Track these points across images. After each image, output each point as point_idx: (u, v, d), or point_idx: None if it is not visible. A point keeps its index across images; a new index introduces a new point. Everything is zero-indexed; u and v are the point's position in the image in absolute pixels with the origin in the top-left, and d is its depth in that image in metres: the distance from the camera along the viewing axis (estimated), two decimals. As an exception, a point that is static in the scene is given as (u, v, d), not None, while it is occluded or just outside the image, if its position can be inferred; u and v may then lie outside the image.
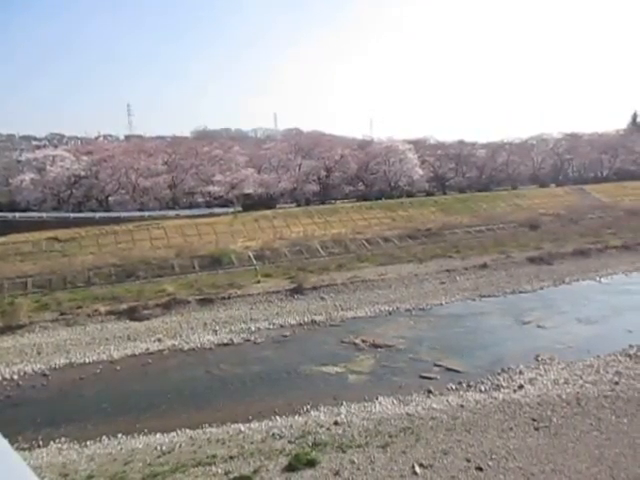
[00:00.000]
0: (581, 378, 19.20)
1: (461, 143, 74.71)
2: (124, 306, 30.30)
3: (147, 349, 24.71)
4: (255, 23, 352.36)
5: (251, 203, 53.83)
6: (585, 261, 40.34)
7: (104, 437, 16.33)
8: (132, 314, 29.53)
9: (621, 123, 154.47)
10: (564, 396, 17.67)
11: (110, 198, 51.45)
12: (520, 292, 32.86)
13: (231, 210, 50.95)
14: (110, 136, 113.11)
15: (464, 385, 19.22)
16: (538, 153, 77.54)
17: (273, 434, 15.88)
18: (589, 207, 60.41)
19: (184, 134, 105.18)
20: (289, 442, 15.27)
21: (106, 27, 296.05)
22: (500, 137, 79.34)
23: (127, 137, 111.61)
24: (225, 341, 25.50)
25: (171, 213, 49.54)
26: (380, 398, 18.23)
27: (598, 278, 35.75)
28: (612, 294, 31.90)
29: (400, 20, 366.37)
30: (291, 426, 16.40)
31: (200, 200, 55.85)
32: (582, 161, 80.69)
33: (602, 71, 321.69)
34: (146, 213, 48.83)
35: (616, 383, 18.57)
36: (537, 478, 12.85)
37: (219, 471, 13.75)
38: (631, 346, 22.15)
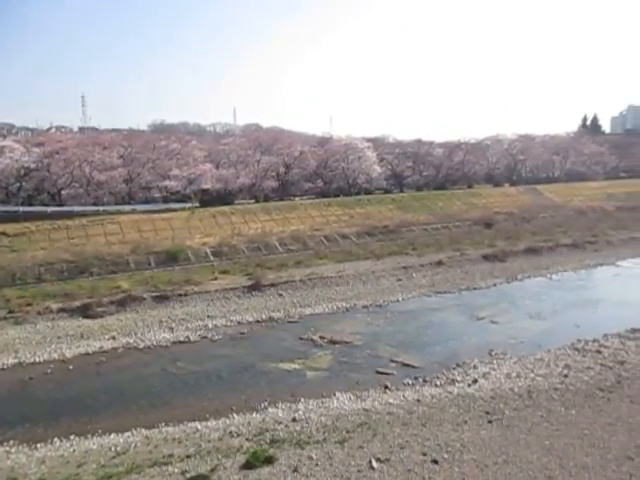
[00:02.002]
0: (532, 372, 19.85)
1: (419, 142, 75.86)
2: (77, 303, 29.43)
3: (101, 347, 24.10)
4: (215, 17, 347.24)
5: (209, 199, 53.19)
6: (537, 258, 41.71)
7: (55, 439, 15.84)
8: (85, 311, 28.71)
9: (572, 126, 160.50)
10: (516, 389, 18.23)
11: (63, 192, 49.77)
12: (474, 289, 33.68)
13: (188, 206, 50.24)
14: (63, 128, 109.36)
15: (420, 380, 19.56)
16: (493, 153, 79.62)
17: (230, 432, 15.78)
18: (541, 206, 62.52)
19: (141, 127, 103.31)
20: (246, 440, 15.21)
21: (61, 18, 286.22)
22: (457, 137, 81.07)
23: (81, 129, 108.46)
24: (181, 339, 25.13)
25: (127, 208, 48.47)
26: (338, 394, 18.36)
27: (549, 275, 37.03)
28: (562, 290, 33.13)
29: (359, 17, 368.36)
30: (249, 423, 16.34)
31: (157, 195, 54.88)
32: (535, 162, 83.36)
33: (554, 75, 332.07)
34: (101, 208, 47.62)
35: (565, 376, 19.29)
36: (490, 469, 13.23)
37: (175, 470, 13.58)
38: (579, 340, 23.05)
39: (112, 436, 15.91)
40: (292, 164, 61.04)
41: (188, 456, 14.29)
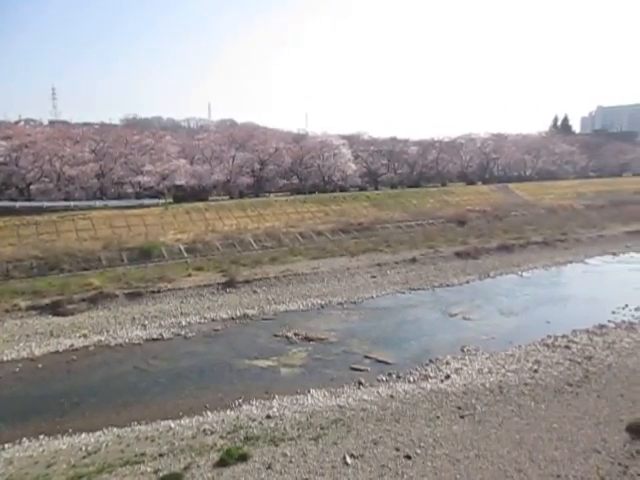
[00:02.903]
0: (503, 367, 20.21)
1: (393, 140, 76.28)
2: (46, 301, 28.83)
3: (71, 345, 23.68)
4: (191, 13, 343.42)
5: (183, 195, 52.59)
6: (509, 256, 42.41)
7: (24, 439, 15.53)
8: (55, 309, 28.15)
9: (543, 126, 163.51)
10: (487, 385, 18.55)
11: (32, 186, 48.59)
12: (447, 285, 34.07)
13: (162, 202, 49.59)
14: (32, 121, 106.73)
15: (394, 376, 19.76)
16: (466, 152, 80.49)
17: (204, 430, 15.70)
18: (513, 205, 63.54)
19: (113, 121, 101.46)
20: (220, 437, 15.16)
21: (33, 8, 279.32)
22: (431, 135, 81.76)
23: (51, 122, 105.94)
24: (154, 336, 24.86)
25: (99, 203, 47.55)
26: (312, 391, 18.42)
27: (520, 272, 37.69)
28: (533, 287, 33.75)
29: (332, 16, 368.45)
30: (222, 421, 16.28)
31: (129, 191, 53.95)
32: (507, 160, 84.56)
33: (527, 75, 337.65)
34: (72, 203, 46.61)
35: (535, 371, 19.70)
36: (462, 463, 13.45)
37: (148, 469, 13.45)
38: (549, 336, 23.57)
39: (83, 435, 15.68)
40: (267, 160, 60.74)
41: (161, 455, 14.19)
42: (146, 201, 49.41)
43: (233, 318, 27.57)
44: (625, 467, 13.21)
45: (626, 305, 28.26)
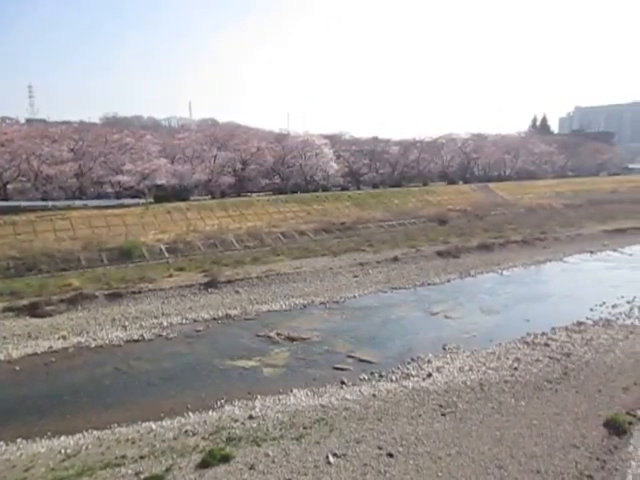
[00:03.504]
0: (484, 365, 20.41)
1: (375, 140, 76.59)
2: (24, 302, 28.34)
3: (50, 347, 23.31)
4: (173, 11, 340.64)
5: (163, 194, 52.12)
6: (489, 255, 42.83)
7: (1, 443, 15.25)
8: (33, 310, 27.67)
9: (522, 126, 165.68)
10: (469, 382, 18.72)
11: (9, 186, 47.83)
12: (429, 284, 34.28)
13: (142, 201, 49.12)
14: (9, 119, 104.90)
15: (376, 375, 19.82)
16: (447, 152, 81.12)
17: (186, 431, 15.58)
18: (493, 204, 64.24)
19: (92, 120, 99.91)
20: (202, 438, 15.06)
21: (12, 6, 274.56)
22: (412, 135, 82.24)
23: (28, 121, 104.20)
24: (135, 337, 24.59)
25: (78, 203, 46.94)
26: (295, 390, 18.40)
27: (500, 271, 38.07)
28: (513, 286, 34.14)
29: (321, 14, 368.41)
30: (204, 422, 16.18)
31: (109, 190, 53.35)
32: (487, 160, 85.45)
33: (506, 76, 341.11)
34: (50, 203, 45.93)
35: (515, 369, 19.94)
36: (444, 461, 13.56)
37: (129, 472, 13.31)
38: (529, 334, 23.87)
39: (62, 438, 15.44)
40: (249, 160, 60.53)
41: (142, 457, 14.05)
42: (126, 201, 48.90)
43: (215, 318, 27.41)
44: (603, 462, 13.46)
45: (603, 302, 28.73)
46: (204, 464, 13.49)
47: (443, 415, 16.19)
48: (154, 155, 55.91)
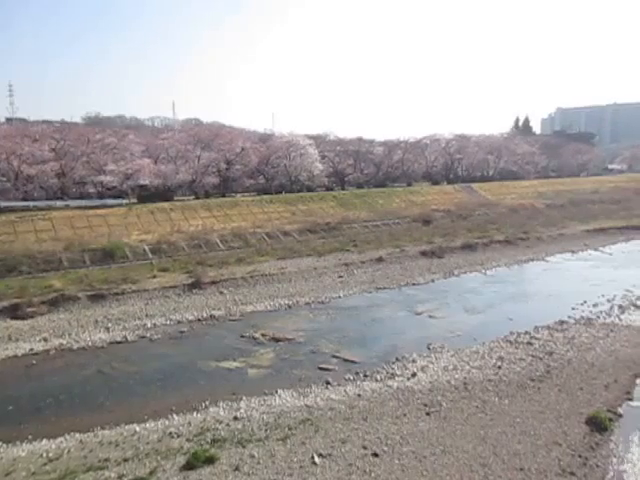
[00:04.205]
0: (468, 364, 20.54)
1: (360, 140, 76.71)
2: (4, 303, 27.92)
3: (31, 349, 22.99)
4: (158, 11, 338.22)
5: (147, 195, 51.71)
6: (472, 254, 43.17)
7: (-20, 447, 15.00)
8: (14, 312, 27.28)
9: (505, 127, 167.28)
10: (453, 382, 18.82)
11: (-12, 186, 47.17)
12: (413, 284, 34.43)
13: (125, 202, 48.70)
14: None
15: (361, 375, 19.82)
16: (431, 152, 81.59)
17: (170, 433, 15.46)
18: (476, 204, 64.72)
19: (74, 119, 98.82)
20: (187, 440, 14.95)
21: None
22: (396, 136, 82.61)
23: (8, 120, 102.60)
24: (118, 339, 24.36)
25: (59, 203, 46.41)
26: (280, 391, 18.34)
27: (484, 270, 38.38)
28: (496, 285, 34.44)
29: (304, 14, 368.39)
30: (189, 424, 16.06)
31: (92, 190, 52.79)
32: (470, 161, 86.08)
33: (490, 77, 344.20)
34: (31, 203, 45.40)
35: (499, 367, 20.09)
36: (428, 460, 13.62)
37: (112, 475, 13.16)
38: (512, 333, 24.07)
39: (44, 442, 15.21)
40: (233, 160, 60.30)
41: (125, 459, 13.90)
42: (109, 201, 48.49)
43: (199, 319, 27.25)
44: (585, 459, 13.62)
45: (585, 301, 29.10)
46: (188, 466, 13.40)
47: (428, 414, 16.27)
48: (137, 155, 55.48)
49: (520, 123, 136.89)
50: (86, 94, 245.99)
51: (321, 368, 20.71)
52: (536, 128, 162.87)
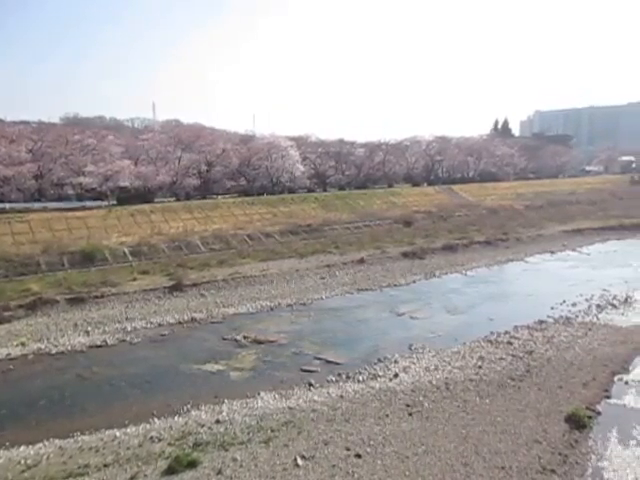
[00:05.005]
0: (449, 364, 20.68)
1: (341, 142, 76.90)
2: (-20, 308, 27.41)
3: (8, 354, 22.55)
4: (138, 11, 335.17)
5: (127, 196, 51.11)
6: (453, 255, 43.52)
7: (-44, 455, 14.67)
8: (-10, 316, 26.79)
9: (485, 129, 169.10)
10: (434, 382, 18.93)
11: (-37, 188, 46.21)
12: (395, 285, 34.57)
13: (105, 204, 48.14)
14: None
15: (343, 376, 19.82)
16: (412, 154, 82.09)
17: (151, 437, 15.28)
18: (457, 205, 65.30)
19: (52, 120, 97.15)
20: (169, 444, 14.80)
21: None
22: (377, 137, 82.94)
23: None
24: (98, 342, 24.03)
25: (37, 205, 45.76)
26: (262, 394, 18.27)
27: (464, 271, 38.71)
28: (476, 285, 34.74)
29: (280, 18, 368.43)
30: (170, 428, 15.91)
31: (70, 192, 52.10)
32: (451, 162, 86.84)
33: (470, 80, 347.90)
34: (7, 205, 44.63)
35: (480, 367, 20.26)
36: (411, 460, 13.68)
37: (92, 481, 12.99)
38: (492, 333, 24.31)
39: (22, 448, 14.92)
40: (214, 162, 59.98)
41: (106, 465, 13.72)
42: (88, 203, 47.93)
43: (180, 322, 27.02)
44: (565, 456, 13.80)
45: (563, 301, 29.52)
46: (170, 470, 13.27)
47: (410, 415, 16.34)
48: (117, 156, 54.85)
49: (499, 125, 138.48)
50: (65, 94, 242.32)
51: (303, 370, 20.68)
52: (515, 130, 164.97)
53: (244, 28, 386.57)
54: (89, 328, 25.81)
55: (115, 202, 49.79)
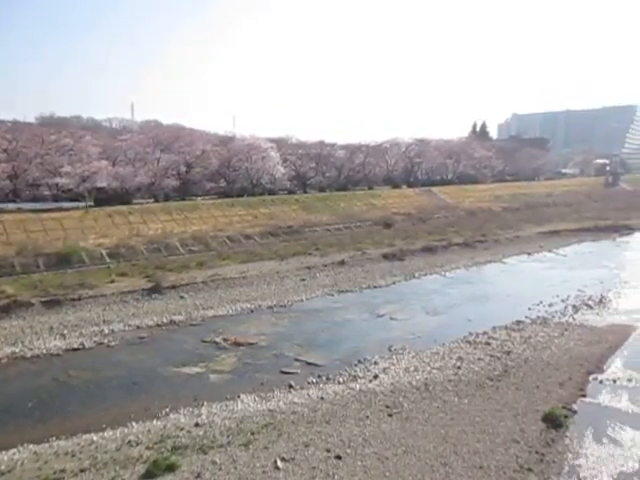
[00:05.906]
0: (429, 365, 20.81)
1: (321, 143, 76.90)
2: (-48, 311, 26.81)
3: (-19, 358, 22.10)
4: (118, 11, 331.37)
5: (104, 198, 50.35)
6: (432, 257, 43.83)
7: None
8: (-38, 320, 26.19)
9: (463, 131, 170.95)
10: (414, 383, 19.03)
11: None
12: (375, 287, 34.70)
13: (82, 205, 47.42)
14: None
15: (323, 378, 19.83)
16: (392, 156, 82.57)
17: (129, 441, 15.08)
18: (436, 207, 65.89)
19: (27, 119, 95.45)
20: (147, 448, 14.62)
21: None
22: (357, 139, 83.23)
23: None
24: (75, 346, 23.62)
25: (11, 206, 44.80)
26: (242, 396, 18.18)
27: (443, 272, 39.01)
28: (455, 287, 35.03)
29: (259, 20, 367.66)
30: (149, 431, 15.72)
31: (46, 193, 51.20)
32: (430, 164, 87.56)
33: (448, 83, 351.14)
34: (-20, 206, 43.72)
35: (458, 368, 20.43)
36: (391, 461, 13.72)
37: (68, 486, 12.77)
38: (470, 333, 24.53)
39: (-5, 454, 14.62)
40: (194, 163, 59.54)
41: (82, 470, 13.49)
42: (65, 204, 47.06)
43: (159, 325, 26.73)
44: (542, 455, 13.99)
45: (540, 301, 29.94)
46: (148, 475, 13.11)
47: (390, 416, 16.40)
48: (94, 157, 53.93)
49: (477, 128, 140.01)
50: (40, 93, 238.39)
51: (284, 372, 20.63)
52: (493, 133, 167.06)
53: (225, 29, 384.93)
54: (65, 331, 25.39)
55: (92, 203, 49.05)
